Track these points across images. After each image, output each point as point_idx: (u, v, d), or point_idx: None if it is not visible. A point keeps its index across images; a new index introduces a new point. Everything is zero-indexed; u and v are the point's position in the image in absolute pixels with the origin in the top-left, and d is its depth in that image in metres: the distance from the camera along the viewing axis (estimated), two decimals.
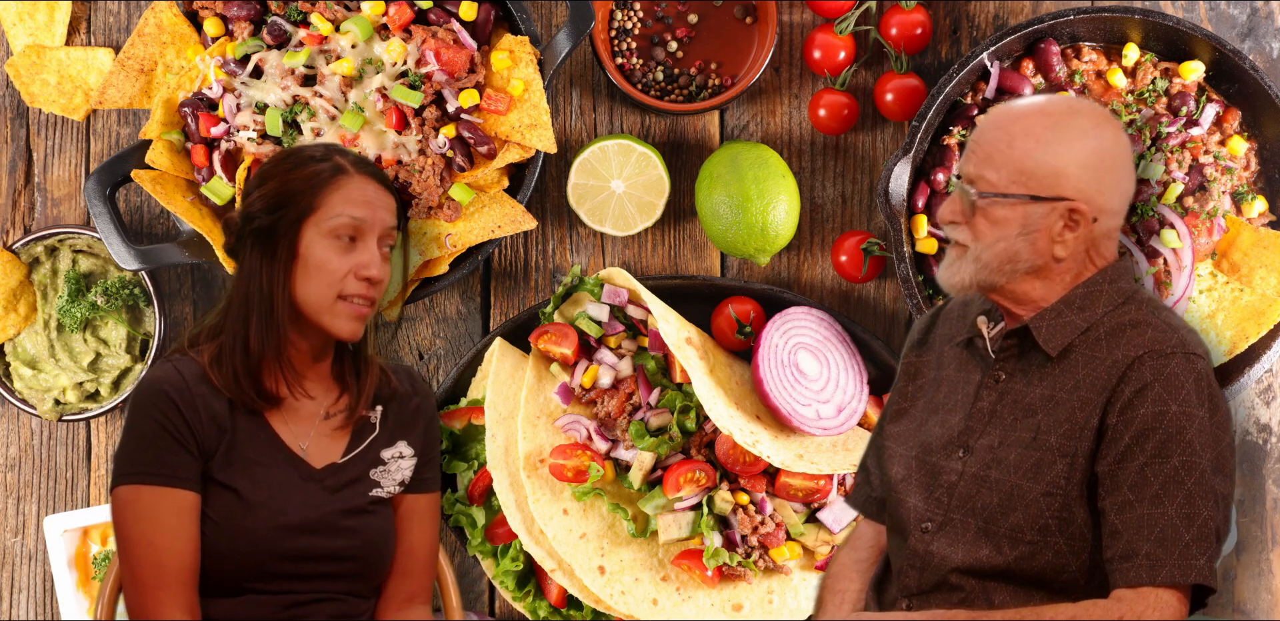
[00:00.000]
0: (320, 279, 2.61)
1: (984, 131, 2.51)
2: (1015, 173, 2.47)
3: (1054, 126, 2.47)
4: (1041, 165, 2.46)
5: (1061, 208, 2.46)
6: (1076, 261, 2.52)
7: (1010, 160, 2.47)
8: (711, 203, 3.12)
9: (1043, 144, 2.46)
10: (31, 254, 3.23)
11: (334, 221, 2.61)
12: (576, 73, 3.25)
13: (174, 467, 2.57)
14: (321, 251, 2.61)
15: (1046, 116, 2.48)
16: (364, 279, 2.62)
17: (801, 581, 3.15)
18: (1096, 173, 2.47)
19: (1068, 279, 2.53)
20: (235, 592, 2.62)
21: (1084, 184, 2.46)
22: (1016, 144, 2.47)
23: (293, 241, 2.61)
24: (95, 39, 3.24)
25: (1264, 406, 3.23)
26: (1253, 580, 3.24)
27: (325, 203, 2.61)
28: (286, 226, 2.61)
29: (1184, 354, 2.43)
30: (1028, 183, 2.47)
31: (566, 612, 3.15)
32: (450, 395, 3.20)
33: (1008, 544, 2.48)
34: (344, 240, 2.62)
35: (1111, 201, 2.49)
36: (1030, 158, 2.46)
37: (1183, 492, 2.37)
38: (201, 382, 2.61)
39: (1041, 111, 2.49)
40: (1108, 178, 2.48)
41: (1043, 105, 2.50)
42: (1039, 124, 2.47)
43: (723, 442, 3.08)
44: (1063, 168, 2.46)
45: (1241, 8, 3.22)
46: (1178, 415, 2.39)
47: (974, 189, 2.49)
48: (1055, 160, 2.46)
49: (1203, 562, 2.37)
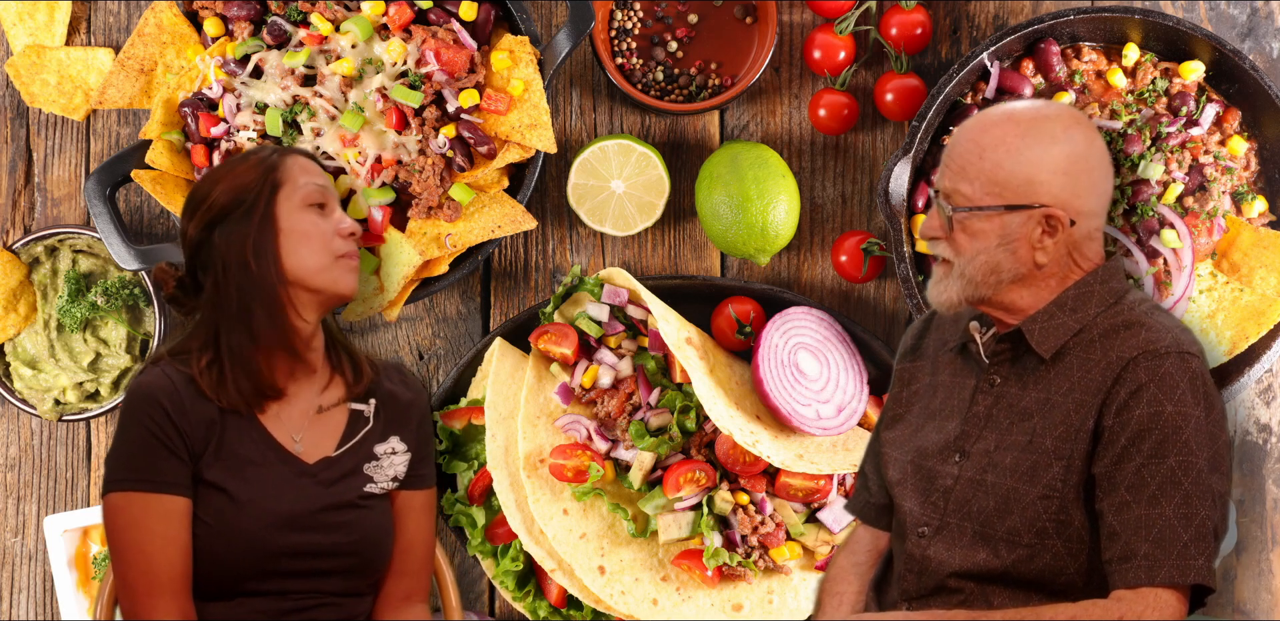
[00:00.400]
0: (314, 244, 2.67)
1: (956, 144, 2.52)
2: (988, 184, 2.47)
3: (1023, 134, 2.47)
4: (1014, 175, 2.46)
5: (1038, 215, 2.47)
6: (1060, 266, 2.52)
7: (982, 172, 2.48)
8: (711, 203, 3.12)
9: (1013, 153, 2.46)
10: (31, 254, 3.23)
11: (304, 190, 2.69)
12: (576, 73, 3.25)
13: (164, 473, 2.58)
14: (303, 220, 2.67)
15: (1015, 125, 2.48)
16: (347, 235, 2.71)
17: (801, 581, 3.15)
18: (1070, 176, 2.47)
19: (1053, 284, 2.53)
20: (231, 595, 2.62)
21: (1058, 189, 2.46)
22: (987, 155, 2.48)
23: (270, 219, 2.66)
24: (95, 39, 3.24)
25: (1264, 406, 3.23)
26: (1253, 580, 3.24)
27: (288, 176, 2.69)
28: (258, 209, 2.66)
29: (1178, 353, 2.43)
30: (1002, 193, 2.47)
31: (566, 612, 3.15)
32: (450, 395, 3.20)
33: (1005, 547, 2.48)
34: (316, 207, 2.70)
35: (1088, 203, 2.49)
36: (1002, 168, 2.46)
37: (1180, 492, 2.37)
38: (191, 386, 2.62)
39: (1010, 119, 2.49)
40: (1082, 180, 2.48)
41: (1011, 113, 2.51)
42: (1008, 133, 2.48)
43: (723, 442, 3.08)
44: (1034, 175, 2.46)
45: (1241, 8, 3.22)
46: (1173, 415, 2.39)
47: (949, 204, 2.50)
48: (1027, 168, 2.46)
49: (1201, 562, 2.37)
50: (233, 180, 2.68)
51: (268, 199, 2.66)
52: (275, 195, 2.67)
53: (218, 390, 2.62)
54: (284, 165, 2.70)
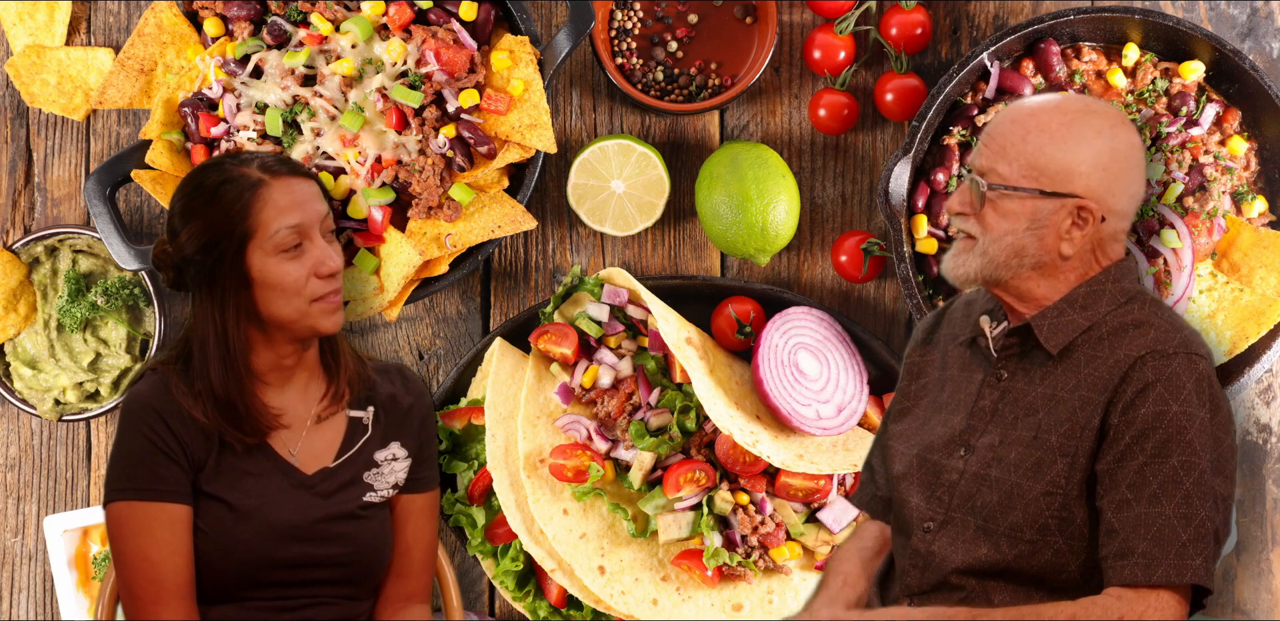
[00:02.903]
0: (287, 294, 2.59)
1: (998, 125, 2.52)
2: (1027, 167, 2.48)
3: (1069, 124, 2.48)
4: (1054, 161, 2.47)
5: (1070, 205, 2.47)
6: (1082, 261, 2.52)
7: (1023, 154, 2.48)
8: (711, 203, 3.12)
9: (1057, 140, 2.47)
10: (31, 254, 3.22)
11: (277, 238, 2.58)
12: (576, 73, 3.25)
13: (165, 481, 2.57)
14: (275, 269, 2.58)
15: (1063, 114, 2.49)
16: (326, 276, 2.61)
17: (801, 581, 3.15)
18: (1108, 173, 2.47)
19: (1072, 278, 2.53)
20: (230, 599, 2.62)
21: (1094, 183, 2.47)
22: (1030, 138, 2.48)
23: (242, 272, 2.58)
24: (95, 39, 3.24)
25: (1264, 406, 3.23)
26: (1253, 580, 3.24)
27: (259, 222, 2.57)
28: (230, 259, 2.57)
29: (1186, 354, 2.43)
30: (1039, 177, 2.47)
31: (566, 612, 3.15)
32: (450, 395, 3.20)
33: (1007, 543, 2.48)
34: (291, 250, 2.59)
35: (1121, 203, 2.49)
36: (1043, 153, 2.47)
37: (1181, 492, 2.37)
38: (188, 396, 2.61)
39: (1058, 108, 2.50)
40: (1119, 179, 2.48)
41: (1060, 102, 2.51)
42: (1055, 120, 2.48)
43: (723, 442, 3.08)
44: (1074, 165, 2.47)
45: (1241, 8, 3.22)
46: (1178, 415, 2.39)
47: (985, 181, 2.50)
48: (1068, 157, 2.47)
49: (1199, 563, 2.37)
50: (206, 221, 2.58)
51: (236, 252, 2.57)
52: (246, 246, 2.57)
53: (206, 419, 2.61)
54: (256, 204, 2.57)
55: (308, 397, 2.69)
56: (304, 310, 2.60)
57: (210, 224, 2.58)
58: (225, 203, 2.58)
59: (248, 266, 2.58)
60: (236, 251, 2.57)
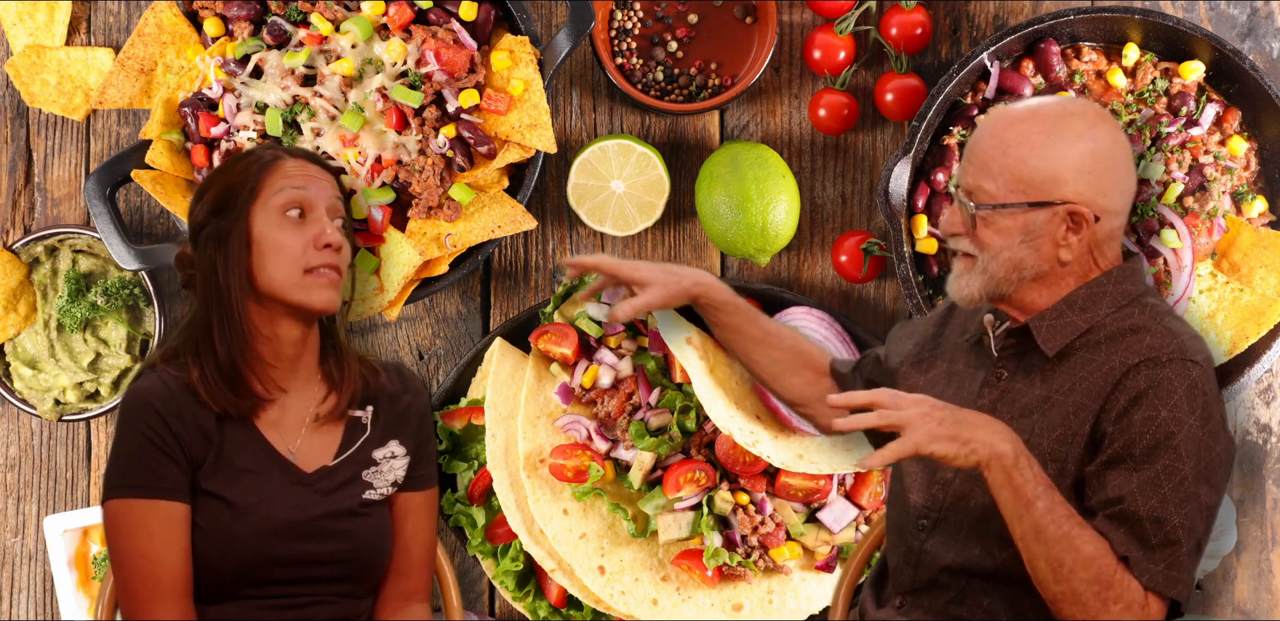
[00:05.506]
0: (281, 257, 2.59)
1: (979, 140, 2.50)
2: (1012, 181, 2.45)
3: (1048, 130, 2.45)
4: (1038, 171, 2.45)
5: (1062, 211, 2.45)
6: (1081, 265, 2.51)
7: (1006, 168, 2.46)
8: (711, 203, 3.12)
9: (1038, 150, 2.44)
10: (31, 254, 3.23)
11: (278, 197, 2.61)
12: (576, 73, 3.25)
13: (163, 479, 2.57)
14: (274, 231, 2.60)
15: (1040, 121, 2.46)
16: (324, 246, 2.61)
17: (801, 581, 3.15)
18: (1094, 174, 2.46)
19: (1071, 283, 2.52)
20: (229, 598, 2.62)
21: (1083, 186, 2.45)
22: (1011, 152, 2.45)
23: (244, 229, 2.60)
24: (95, 39, 3.24)
25: (1264, 406, 3.23)
26: (1253, 580, 3.24)
27: (266, 184, 2.62)
28: (234, 218, 2.61)
29: (1181, 361, 2.41)
30: (1025, 190, 2.45)
31: (566, 612, 3.15)
32: (450, 395, 3.20)
33: (997, 546, 2.48)
34: (293, 216, 2.61)
35: (1112, 201, 2.48)
36: (1026, 164, 2.45)
37: (1158, 496, 2.36)
38: (187, 393, 2.61)
39: (1035, 115, 2.47)
40: (1107, 178, 2.47)
41: (1035, 109, 2.49)
42: (1033, 129, 2.46)
43: (723, 442, 3.08)
44: (1059, 172, 2.44)
45: (1241, 8, 3.22)
46: (1166, 421, 2.38)
47: (972, 202, 2.49)
48: (1051, 165, 2.44)
49: (1160, 568, 2.35)
50: (221, 185, 2.64)
51: (241, 211, 2.61)
52: (250, 206, 2.61)
53: (209, 395, 2.60)
54: (268, 170, 2.63)
55: (308, 397, 2.69)
56: (297, 278, 2.60)
57: (223, 187, 2.64)
58: (240, 169, 2.65)
59: (250, 224, 2.61)
60: (243, 210, 2.61)
